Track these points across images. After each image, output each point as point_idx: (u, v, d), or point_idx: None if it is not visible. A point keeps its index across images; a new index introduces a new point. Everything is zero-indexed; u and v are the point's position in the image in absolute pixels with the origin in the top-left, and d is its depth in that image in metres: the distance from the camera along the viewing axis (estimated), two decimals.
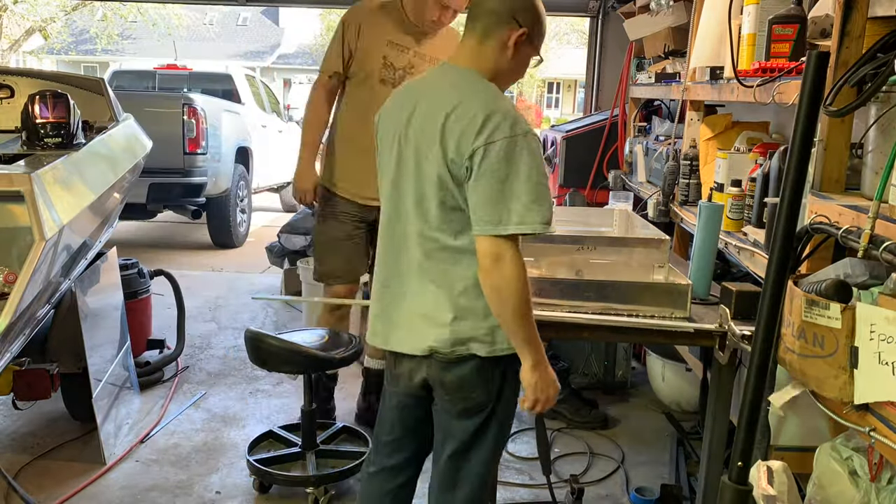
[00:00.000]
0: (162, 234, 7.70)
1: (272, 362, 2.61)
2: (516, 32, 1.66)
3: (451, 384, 1.73)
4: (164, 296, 4.18)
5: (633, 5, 4.31)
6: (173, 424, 3.22)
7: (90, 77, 3.68)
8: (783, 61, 2.08)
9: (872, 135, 1.67)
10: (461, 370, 1.71)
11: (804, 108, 1.20)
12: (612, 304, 2.06)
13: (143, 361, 3.68)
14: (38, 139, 2.74)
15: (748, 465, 1.34)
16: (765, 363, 1.30)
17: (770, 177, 2.15)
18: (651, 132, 3.88)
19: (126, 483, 2.74)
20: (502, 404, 1.78)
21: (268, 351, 2.56)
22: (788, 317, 1.53)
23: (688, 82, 3.01)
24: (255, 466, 2.69)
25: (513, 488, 2.80)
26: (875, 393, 1.32)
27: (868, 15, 1.68)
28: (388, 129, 1.78)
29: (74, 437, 3.02)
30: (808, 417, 1.66)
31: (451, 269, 1.68)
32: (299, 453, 2.78)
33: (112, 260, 3.39)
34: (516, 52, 1.68)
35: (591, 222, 2.88)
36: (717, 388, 2.11)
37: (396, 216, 1.75)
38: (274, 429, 2.97)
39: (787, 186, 1.24)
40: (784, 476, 1.51)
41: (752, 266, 2.19)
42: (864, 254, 1.38)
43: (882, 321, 1.29)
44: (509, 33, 1.66)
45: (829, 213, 1.61)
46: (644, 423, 3.35)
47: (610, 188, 3.97)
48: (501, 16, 1.65)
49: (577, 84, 29.04)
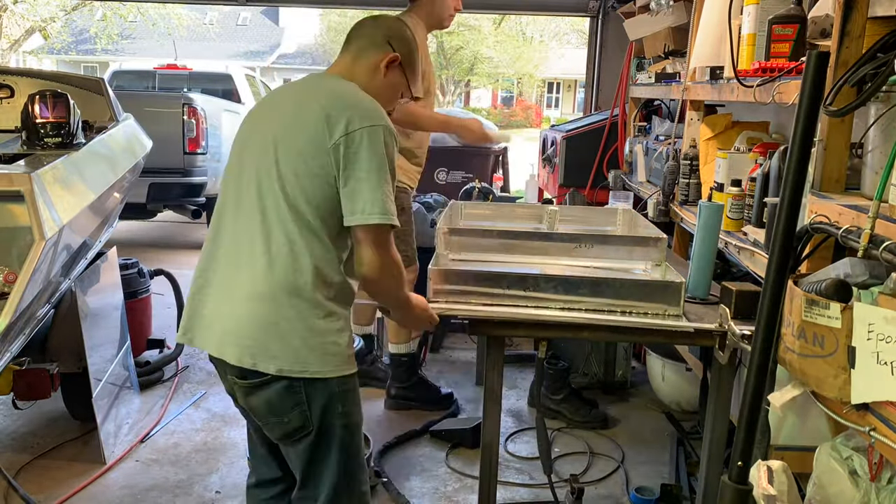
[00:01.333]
0: (162, 234, 7.70)
1: None
2: (388, 55, 1.74)
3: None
4: (165, 295, 4.18)
5: (633, 5, 4.31)
6: (173, 424, 3.22)
7: (90, 77, 3.68)
8: (783, 61, 2.08)
9: (872, 134, 1.67)
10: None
11: (804, 107, 1.20)
12: (605, 300, 2.06)
13: (143, 361, 3.69)
14: (38, 139, 2.74)
15: (748, 465, 1.34)
16: (765, 363, 1.31)
17: (770, 176, 2.15)
18: (651, 132, 3.88)
19: (126, 483, 2.74)
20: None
21: None
22: (788, 316, 1.53)
23: (688, 82, 3.01)
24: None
25: (513, 488, 2.80)
26: (873, 393, 1.32)
27: (868, 15, 1.68)
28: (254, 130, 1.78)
29: (74, 437, 3.03)
30: (809, 417, 1.66)
31: None
32: None
33: (112, 259, 3.39)
34: (387, 74, 1.76)
35: (593, 221, 2.88)
36: (717, 387, 2.11)
37: None
38: None
39: (787, 186, 1.24)
40: (784, 476, 1.51)
41: (752, 266, 2.19)
42: (863, 253, 1.38)
43: (880, 321, 1.29)
44: (382, 56, 1.74)
45: (829, 212, 1.61)
46: (644, 423, 3.36)
47: (610, 188, 3.97)
48: (376, 39, 1.76)
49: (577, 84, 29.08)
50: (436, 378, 3.79)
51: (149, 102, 6.18)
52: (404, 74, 1.80)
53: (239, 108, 7.43)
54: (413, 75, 1.82)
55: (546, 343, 2.21)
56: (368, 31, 1.78)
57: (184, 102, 6.16)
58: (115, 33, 19.35)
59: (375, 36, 1.76)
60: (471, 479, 2.81)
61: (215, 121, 6.51)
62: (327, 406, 1.65)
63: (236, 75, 8.08)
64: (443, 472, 2.90)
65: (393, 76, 1.77)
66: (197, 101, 6.25)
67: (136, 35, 21.95)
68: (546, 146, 4.93)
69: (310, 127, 1.62)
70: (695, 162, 2.88)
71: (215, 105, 6.71)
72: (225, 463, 2.91)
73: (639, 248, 2.37)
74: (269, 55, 27.51)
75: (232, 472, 2.84)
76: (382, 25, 1.80)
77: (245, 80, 8.16)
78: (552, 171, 4.67)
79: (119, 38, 20.61)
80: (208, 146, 6.32)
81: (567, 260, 2.33)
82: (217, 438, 3.11)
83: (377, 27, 1.78)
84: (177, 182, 6.18)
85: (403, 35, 1.79)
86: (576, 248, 2.33)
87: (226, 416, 3.29)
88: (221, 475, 2.82)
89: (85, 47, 24.39)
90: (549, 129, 5.22)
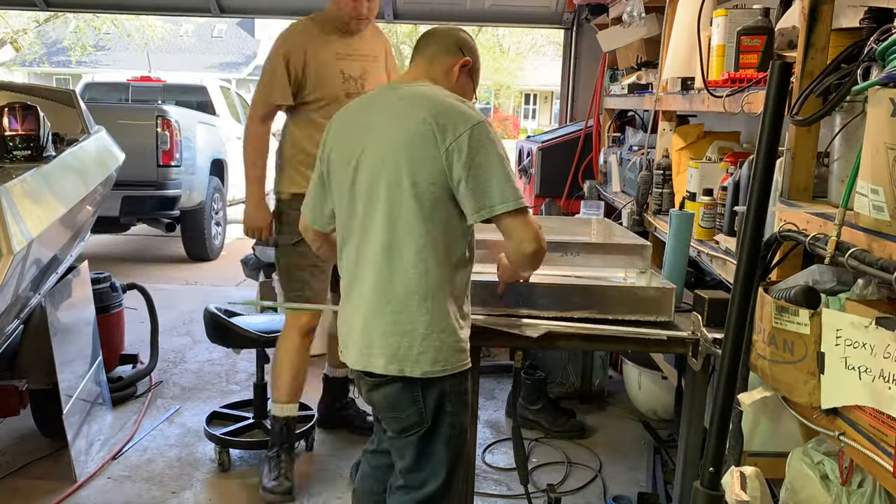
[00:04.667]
0: (135, 248, 7.61)
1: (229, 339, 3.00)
2: (461, 60, 1.86)
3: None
4: (138, 310, 4.13)
5: (606, 17, 4.35)
6: (147, 440, 3.17)
7: (61, 89, 3.64)
8: (752, 72, 2.12)
9: (838, 144, 1.70)
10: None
11: (769, 116, 1.22)
12: (596, 312, 2.08)
13: (115, 377, 3.62)
14: (7, 152, 2.71)
15: (720, 471, 1.35)
16: (734, 369, 1.32)
17: (740, 186, 2.18)
18: (625, 142, 3.92)
19: (98, 500, 2.69)
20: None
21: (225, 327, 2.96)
22: (759, 323, 1.55)
23: (660, 93, 3.04)
24: (216, 437, 2.98)
25: (490, 499, 2.79)
26: (841, 397, 1.34)
27: (832, 27, 1.71)
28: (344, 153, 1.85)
29: (45, 455, 2.97)
30: (781, 423, 1.68)
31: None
32: (253, 423, 3.11)
33: (84, 274, 3.35)
34: (459, 78, 1.87)
35: (568, 231, 2.89)
36: (691, 394, 2.13)
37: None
38: (218, 409, 3.28)
39: (754, 194, 1.25)
40: (757, 481, 1.52)
41: (724, 274, 2.22)
42: (830, 260, 1.40)
43: (848, 326, 1.31)
44: (454, 60, 1.86)
45: (797, 220, 1.63)
46: (621, 432, 3.37)
47: (585, 198, 4.00)
48: (449, 45, 1.87)
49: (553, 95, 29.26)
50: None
51: (122, 114, 6.12)
52: (471, 78, 1.91)
53: (214, 121, 7.38)
54: (477, 80, 1.95)
55: (522, 353, 2.21)
56: (441, 38, 1.89)
57: (157, 114, 6.10)
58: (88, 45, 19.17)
59: (448, 42, 1.87)
60: None
61: (189, 133, 6.45)
62: (440, 403, 1.78)
63: (211, 87, 8.03)
64: None
65: (463, 79, 1.88)
66: (171, 113, 6.20)
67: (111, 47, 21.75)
68: (522, 157, 4.95)
69: (417, 138, 1.69)
70: (668, 172, 2.91)
71: (190, 117, 6.65)
72: (199, 479, 2.87)
73: (623, 255, 2.39)
74: (244, 67, 27.36)
75: (206, 488, 2.80)
76: (453, 33, 1.91)
77: (220, 92, 8.10)
78: (528, 181, 4.69)
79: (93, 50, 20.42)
80: (182, 158, 6.26)
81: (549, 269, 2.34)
82: (191, 454, 3.07)
83: (449, 35, 1.90)
84: (150, 195, 6.10)
85: (470, 43, 1.91)
86: (561, 257, 2.34)
87: (200, 432, 3.25)
88: (195, 491, 2.78)
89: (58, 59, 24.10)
90: (525, 140, 5.25)
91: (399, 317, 1.73)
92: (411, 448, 1.82)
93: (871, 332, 1.26)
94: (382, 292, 1.74)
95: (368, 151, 1.76)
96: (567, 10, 5.24)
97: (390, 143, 1.72)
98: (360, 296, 1.79)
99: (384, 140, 1.74)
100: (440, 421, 1.79)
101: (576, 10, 5.13)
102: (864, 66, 1.46)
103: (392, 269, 1.72)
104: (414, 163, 1.69)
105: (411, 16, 5.60)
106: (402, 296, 1.72)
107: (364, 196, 1.76)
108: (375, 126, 1.78)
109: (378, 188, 1.73)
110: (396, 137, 1.72)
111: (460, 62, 1.86)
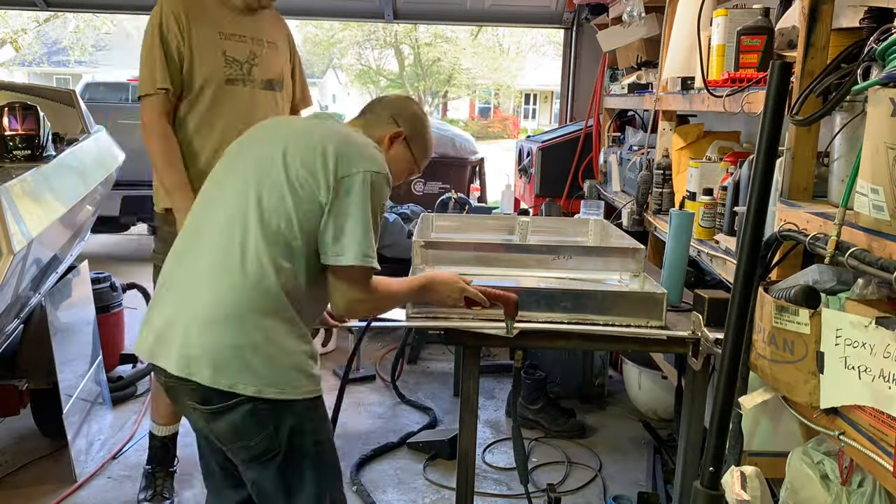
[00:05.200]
0: (135, 248, 7.60)
1: None
2: (392, 131, 1.81)
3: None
4: (138, 310, 4.13)
5: (606, 17, 4.35)
6: (147, 440, 3.16)
7: (61, 89, 3.64)
8: (752, 72, 2.12)
9: (838, 143, 1.70)
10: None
11: (769, 116, 1.22)
12: (587, 315, 2.07)
13: (115, 376, 3.62)
14: (7, 151, 2.71)
15: (720, 470, 1.35)
16: (734, 369, 1.32)
17: (740, 185, 2.18)
18: (625, 142, 3.92)
19: (98, 500, 2.69)
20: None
21: None
22: (759, 323, 1.55)
23: (660, 93, 3.04)
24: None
25: (490, 499, 2.79)
26: (841, 397, 1.34)
27: (832, 26, 1.71)
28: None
29: (45, 455, 2.97)
30: (781, 423, 1.68)
31: None
32: None
33: (84, 273, 3.35)
34: (391, 148, 1.81)
35: (565, 232, 2.90)
36: (691, 394, 2.13)
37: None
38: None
39: (754, 194, 1.25)
40: (757, 481, 1.52)
41: (724, 273, 2.22)
42: (830, 260, 1.40)
43: (847, 326, 1.31)
44: (387, 131, 1.81)
45: (797, 220, 1.63)
46: (621, 432, 3.37)
47: (585, 198, 4.00)
48: (384, 116, 1.84)
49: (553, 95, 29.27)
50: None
51: (122, 114, 6.12)
52: (409, 149, 1.85)
53: None
54: (422, 152, 1.88)
55: (522, 353, 2.21)
56: (381, 107, 1.87)
57: None
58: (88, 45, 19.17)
59: (385, 114, 1.85)
60: (448, 491, 2.80)
61: None
62: (295, 427, 1.61)
63: None
64: (420, 484, 2.89)
65: (397, 150, 1.83)
66: None
67: (111, 46, 21.76)
68: (522, 157, 4.95)
69: (317, 156, 1.61)
70: (667, 171, 2.91)
71: None
72: (199, 478, 2.86)
73: (616, 258, 2.38)
74: None
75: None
76: (397, 104, 1.89)
77: None
78: (528, 181, 4.69)
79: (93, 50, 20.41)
80: None
81: (542, 272, 2.34)
82: (191, 454, 3.04)
83: (392, 104, 1.87)
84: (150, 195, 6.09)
85: (410, 113, 1.87)
86: (554, 260, 2.34)
87: None
88: (195, 492, 2.78)
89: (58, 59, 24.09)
90: (525, 140, 5.25)
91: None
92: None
93: (871, 332, 1.26)
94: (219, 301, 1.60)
95: (261, 146, 1.71)
96: (567, 10, 5.23)
97: (287, 136, 1.68)
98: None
99: (284, 143, 1.66)
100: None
101: (576, 10, 5.13)
102: (864, 65, 1.46)
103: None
104: (296, 159, 1.61)
105: (411, 15, 5.59)
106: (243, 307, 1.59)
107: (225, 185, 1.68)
108: (282, 128, 1.78)
109: (244, 176, 1.65)
110: (297, 136, 1.67)
111: (391, 133, 1.81)
